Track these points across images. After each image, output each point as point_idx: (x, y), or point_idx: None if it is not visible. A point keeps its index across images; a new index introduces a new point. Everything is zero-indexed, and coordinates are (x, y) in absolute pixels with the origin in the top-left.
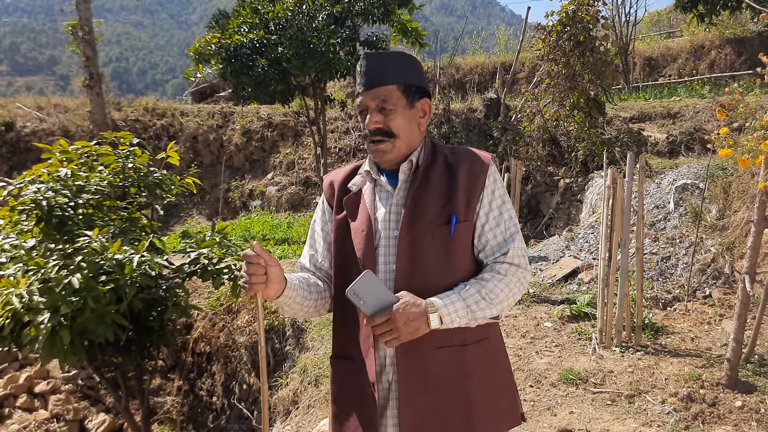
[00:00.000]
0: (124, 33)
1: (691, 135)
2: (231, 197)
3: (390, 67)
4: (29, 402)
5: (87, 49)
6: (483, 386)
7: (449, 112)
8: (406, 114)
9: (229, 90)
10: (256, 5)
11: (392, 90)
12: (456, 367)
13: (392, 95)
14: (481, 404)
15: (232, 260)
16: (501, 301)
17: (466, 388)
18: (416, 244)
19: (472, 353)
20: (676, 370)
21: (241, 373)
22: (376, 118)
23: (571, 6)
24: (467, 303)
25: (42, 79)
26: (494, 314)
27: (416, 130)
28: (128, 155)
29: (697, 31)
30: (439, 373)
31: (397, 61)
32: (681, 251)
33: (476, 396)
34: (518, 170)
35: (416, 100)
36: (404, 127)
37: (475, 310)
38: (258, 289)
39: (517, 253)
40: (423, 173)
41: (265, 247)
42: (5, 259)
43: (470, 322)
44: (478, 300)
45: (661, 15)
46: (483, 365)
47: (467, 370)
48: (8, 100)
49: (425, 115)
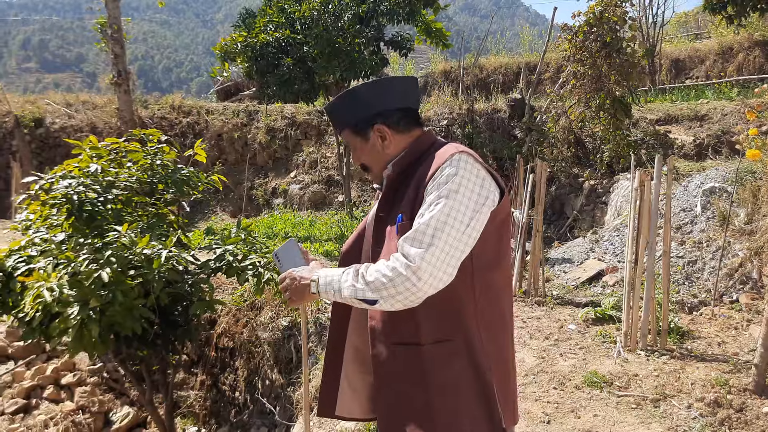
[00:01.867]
0: (150, 31)
1: (719, 138)
2: (254, 195)
3: (337, 115)
4: (56, 393)
5: (115, 47)
6: (444, 389)
7: (473, 112)
8: (365, 148)
9: (253, 89)
10: (283, 4)
11: (347, 134)
12: (409, 367)
13: (349, 138)
14: (444, 410)
15: (256, 257)
16: (377, 288)
17: (426, 393)
18: (379, 243)
19: (429, 354)
20: (703, 375)
21: (264, 369)
22: (354, 156)
23: (598, 7)
24: (340, 280)
25: (69, 76)
26: (367, 297)
27: (382, 153)
28: (156, 152)
29: (725, 32)
30: (395, 370)
31: (340, 106)
32: (708, 255)
33: (437, 402)
34: (543, 171)
35: (369, 132)
36: (370, 158)
37: (344, 288)
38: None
39: (408, 243)
40: (395, 176)
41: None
42: (36, 253)
43: (345, 299)
44: (350, 280)
45: (689, 16)
46: (443, 368)
47: (423, 372)
48: (38, 96)
49: (385, 137)
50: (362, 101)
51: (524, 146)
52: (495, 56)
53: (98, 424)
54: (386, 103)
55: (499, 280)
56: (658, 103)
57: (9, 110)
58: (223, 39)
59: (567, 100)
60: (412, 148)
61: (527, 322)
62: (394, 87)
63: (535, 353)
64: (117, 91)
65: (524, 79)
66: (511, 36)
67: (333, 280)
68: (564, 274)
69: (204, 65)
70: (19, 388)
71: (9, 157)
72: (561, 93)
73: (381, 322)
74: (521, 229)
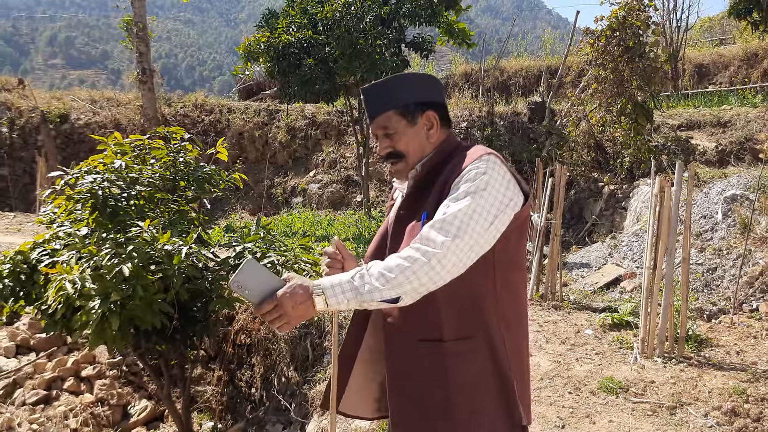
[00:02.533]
0: (174, 30)
1: (742, 144)
2: (274, 193)
3: (384, 95)
4: (76, 385)
5: (140, 45)
6: (465, 389)
7: (493, 114)
8: (409, 133)
9: (274, 88)
10: (305, 5)
11: (390, 116)
12: (432, 363)
13: (391, 120)
14: (463, 407)
15: (275, 255)
16: (400, 283)
17: (445, 389)
18: (401, 241)
19: (451, 351)
20: (720, 383)
21: (280, 366)
22: (385, 143)
23: (621, 11)
24: (355, 284)
25: (94, 73)
26: (389, 297)
27: (425, 142)
28: (179, 150)
29: (750, 38)
30: (418, 366)
31: (390, 86)
32: (728, 263)
33: (457, 399)
34: (562, 175)
35: (418, 116)
36: (411, 145)
37: (364, 292)
38: None
39: (433, 231)
40: (423, 176)
41: (306, 243)
42: (60, 246)
43: (363, 304)
44: (370, 281)
45: (714, 21)
46: (464, 365)
47: (444, 368)
48: (64, 92)
49: (432, 125)
50: (416, 86)
51: (544, 149)
52: (516, 59)
53: (116, 417)
54: (435, 95)
55: (518, 279)
56: (681, 108)
57: (35, 106)
58: (246, 39)
59: (588, 104)
60: (441, 148)
61: (544, 326)
62: (439, 84)
63: (551, 357)
64: (141, 89)
65: (545, 82)
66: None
67: (344, 288)
68: (582, 279)
69: (227, 64)
70: (40, 379)
71: (35, 151)
72: (582, 97)
73: (401, 318)
74: (539, 233)
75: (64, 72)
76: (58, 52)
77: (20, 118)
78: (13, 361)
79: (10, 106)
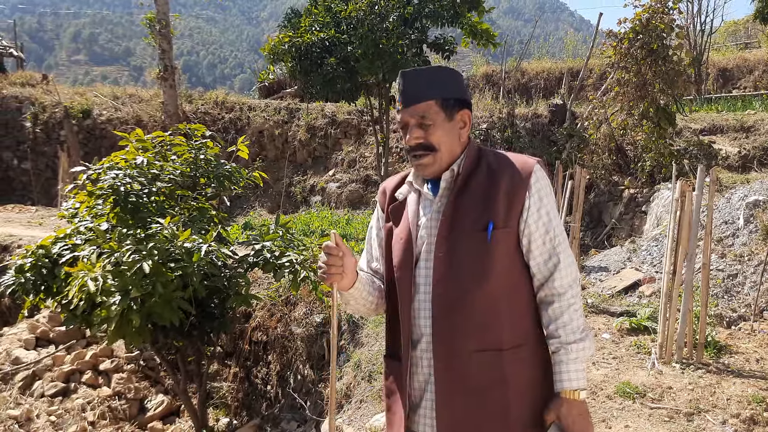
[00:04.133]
0: (196, 27)
1: (765, 150)
2: (293, 192)
3: (427, 83)
4: (94, 379)
5: (163, 42)
6: (521, 392)
7: (513, 116)
8: (445, 127)
9: (295, 87)
10: (329, 3)
11: (431, 105)
12: (492, 372)
13: (430, 110)
14: (519, 410)
15: (293, 254)
16: (586, 325)
17: (504, 394)
18: (453, 250)
19: (510, 359)
20: (739, 390)
21: (296, 364)
22: (417, 133)
23: (645, 14)
24: (579, 360)
25: (117, 69)
26: (588, 345)
27: (457, 141)
28: (200, 147)
29: None
30: (477, 376)
31: (434, 76)
32: (749, 269)
33: (514, 402)
34: (582, 178)
35: (455, 113)
36: (445, 140)
37: (587, 357)
38: (335, 280)
39: (567, 273)
40: (463, 180)
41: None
42: (81, 241)
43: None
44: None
45: (738, 25)
46: (521, 371)
47: (504, 375)
48: (86, 88)
49: (465, 125)
50: (459, 82)
51: (564, 152)
52: (537, 61)
53: (133, 411)
54: (468, 96)
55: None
56: (703, 112)
57: (59, 101)
58: (270, 39)
59: (609, 107)
60: (470, 152)
61: None
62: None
63: None
64: (162, 86)
65: (566, 84)
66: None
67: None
68: (600, 283)
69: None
70: (58, 371)
71: (57, 146)
72: (604, 100)
73: (455, 332)
74: None
75: (87, 68)
76: (81, 48)
77: (44, 113)
78: (32, 353)
79: (33, 101)
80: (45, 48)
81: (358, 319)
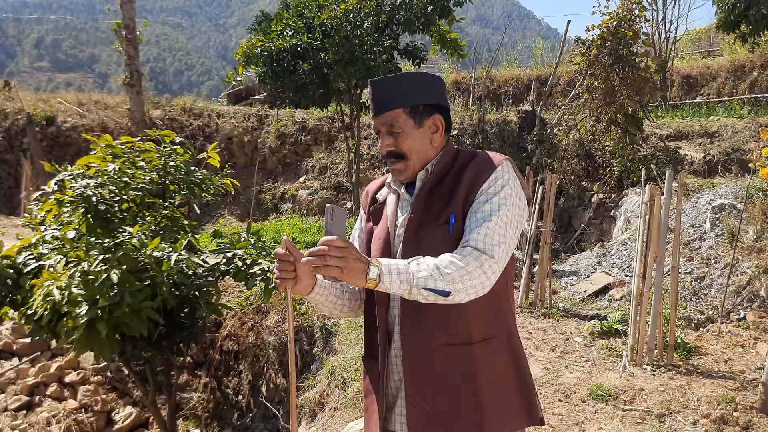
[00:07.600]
0: (163, 34)
1: (729, 155)
2: (263, 199)
3: (394, 92)
4: (59, 391)
5: (129, 48)
6: (493, 385)
7: (483, 123)
8: (414, 134)
9: (264, 93)
10: (302, 9)
11: (398, 113)
12: (462, 366)
13: (399, 118)
14: (492, 403)
15: (265, 262)
16: (453, 280)
17: (475, 387)
18: (421, 244)
19: (479, 352)
20: (709, 391)
21: (268, 373)
22: (387, 141)
23: (612, 21)
24: (411, 269)
25: (81, 77)
26: (441, 288)
27: (429, 146)
28: (170, 153)
29: (738, 50)
30: (446, 371)
31: (401, 84)
32: (716, 272)
33: (486, 394)
34: (552, 183)
35: (425, 119)
36: (416, 147)
37: (419, 277)
38: (288, 285)
39: (482, 237)
40: (436, 177)
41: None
42: (47, 251)
43: (412, 290)
44: (424, 270)
45: (701, 33)
46: (491, 364)
47: (475, 369)
48: (50, 95)
49: (438, 130)
50: (428, 87)
51: (534, 158)
52: (506, 68)
53: (100, 423)
54: (442, 99)
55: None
56: (669, 119)
57: (21, 108)
58: (242, 43)
59: (578, 114)
60: (446, 153)
61: (533, 334)
62: (445, 87)
63: (540, 365)
64: (129, 92)
65: (535, 91)
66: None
67: (399, 269)
68: (571, 287)
69: (215, 69)
70: (22, 384)
71: (20, 154)
72: (573, 106)
73: (421, 326)
74: (529, 241)
75: (50, 75)
76: (44, 54)
77: (5, 120)
78: None
79: None
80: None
81: (332, 326)
